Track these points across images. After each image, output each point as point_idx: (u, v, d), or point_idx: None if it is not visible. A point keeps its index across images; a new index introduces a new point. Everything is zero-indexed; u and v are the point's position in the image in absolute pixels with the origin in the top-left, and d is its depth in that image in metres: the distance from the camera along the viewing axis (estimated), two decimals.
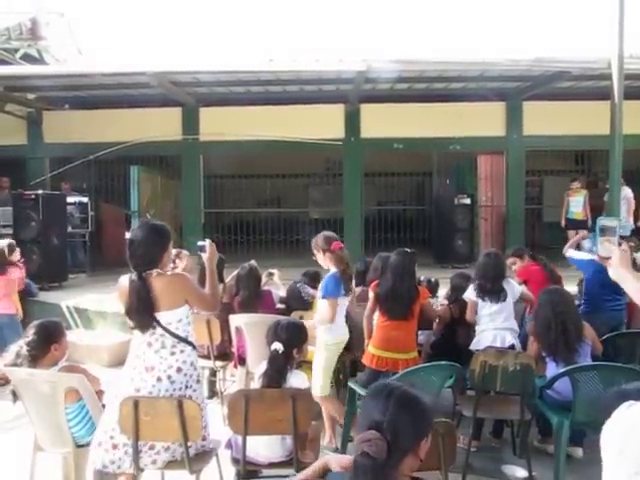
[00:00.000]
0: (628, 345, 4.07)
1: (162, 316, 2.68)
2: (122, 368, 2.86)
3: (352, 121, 10.16)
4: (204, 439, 2.82)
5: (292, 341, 2.90)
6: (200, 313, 4.63)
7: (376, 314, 4.06)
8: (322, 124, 10.04)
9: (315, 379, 3.74)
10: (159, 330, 2.68)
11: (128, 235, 2.80)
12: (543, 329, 3.61)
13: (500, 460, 3.76)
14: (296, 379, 2.87)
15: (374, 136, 10.14)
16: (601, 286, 4.54)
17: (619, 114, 7.47)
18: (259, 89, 9.27)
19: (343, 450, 3.62)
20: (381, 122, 10.03)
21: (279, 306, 4.88)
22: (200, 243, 3.00)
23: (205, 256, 2.96)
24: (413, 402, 1.45)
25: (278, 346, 2.84)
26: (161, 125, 9.81)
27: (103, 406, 2.97)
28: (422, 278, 5.68)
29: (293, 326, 3.02)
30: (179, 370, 2.72)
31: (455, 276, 4.61)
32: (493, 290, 4.06)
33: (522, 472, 3.52)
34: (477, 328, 4.12)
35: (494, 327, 4.01)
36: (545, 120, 10.02)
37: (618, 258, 1.57)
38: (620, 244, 1.60)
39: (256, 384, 2.92)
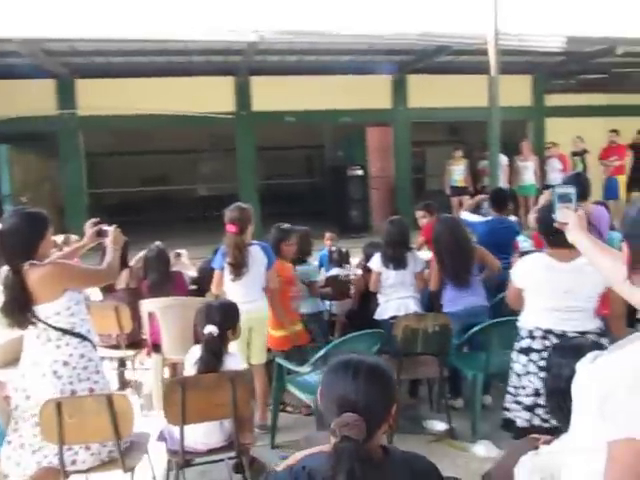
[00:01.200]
0: None
1: (40, 310, 2.52)
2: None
3: (243, 94, 9.93)
4: None
5: (226, 322, 2.81)
6: (106, 301, 4.45)
7: None
8: (211, 97, 9.70)
9: None
10: (41, 325, 2.53)
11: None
12: (444, 253, 3.95)
13: (420, 417, 3.98)
14: (233, 360, 2.80)
15: (266, 109, 10.00)
16: (492, 246, 4.88)
17: (495, 88, 8.04)
18: (142, 59, 8.70)
19: (274, 427, 3.62)
20: (272, 95, 9.90)
21: (191, 287, 4.69)
22: (104, 228, 2.90)
23: (108, 241, 2.84)
24: (380, 374, 1.44)
25: (213, 329, 2.74)
26: (33, 99, 8.86)
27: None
28: (333, 248, 5.78)
29: (226, 307, 2.93)
30: (66, 364, 2.55)
31: (367, 245, 4.72)
32: (396, 257, 4.15)
33: (442, 425, 3.75)
34: (381, 298, 4.22)
35: (397, 297, 4.14)
36: (428, 93, 10.50)
37: (575, 223, 1.67)
38: (576, 210, 1.70)
39: (190, 371, 2.80)
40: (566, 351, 1.73)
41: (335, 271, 5.33)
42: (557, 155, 10.31)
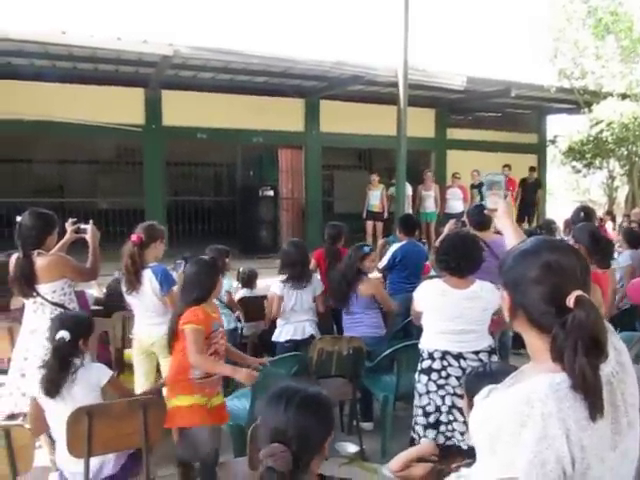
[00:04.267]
0: None
1: (41, 288, 3.21)
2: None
3: (153, 107, 9.63)
4: None
5: (79, 330, 2.66)
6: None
7: None
8: (118, 108, 9.30)
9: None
10: (39, 299, 3.22)
11: (18, 219, 3.27)
12: (335, 283, 4.20)
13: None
14: (91, 373, 2.63)
15: (176, 124, 9.76)
16: (406, 268, 5.04)
17: (404, 118, 8.45)
18: (45, 63, 8.19)
19: None
20: (184, 110, 9.69)
21: (95, 308, 4.42)
22: (82, 226, 3.51)
23: (88, 236, 3.47)
24: (314, 404, 1.43)
25: (64, 334, 2.56)
26: None
27: None
28: (241, 269, 5.70)
29: (81, 316, 2.89)
30: None
31: None
32: (297, 276, 4.16)
33: (353, 447, 3.77)
34: (279, 321, 4.21)
35: (295, 320, 4.16)
36: (339, 119, 10.81)
37: (503, 210, 1.73)
38: (505, 197, 1.76)
39: (33, 391, 2.62)
40: (483, 377, 1.82)
41: (243, 292, 5.27)
42: (459, 186, 10.98)
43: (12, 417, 3.14)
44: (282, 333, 4.13)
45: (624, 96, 10.45)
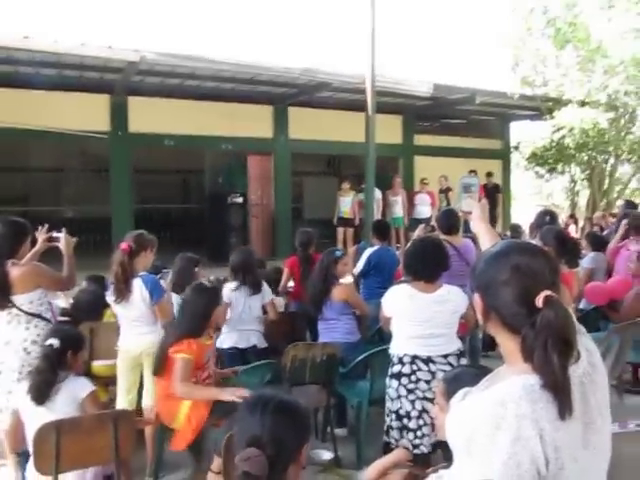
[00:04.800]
0: None
1: (17, 298, 3.10)
2: None
3: (119, 114, 9.47)
4: None
5: (70, 341, 2.70)
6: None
7: None
8: (84, 114, 9.12)
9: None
10: (14, 310, 3.10)
11: None
12: (309, 289, 4.17)
13: None
14: (74, 385, 2.64)
15: (143, 131, 9.63)
16: (380, 272, 5.05)
17: (372, 125, 8.53)
18: (7, 68, 7.98)
19: (157, 466, 3.39)
20: (151, 117, 9.57)
21: (61, 319, 4.29)
22: (55, 234, 3.43)
23: (61, 244, 3.37)
24: (290, 410, 1.44)
25: (54, 341, 2.60)
26: None
27: None
28: (212, 278, 5.64)
29: (73, 329, 3.02)
30: (34, 342, 3.08)
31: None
32: (248, 283, 4.17)
33: (328, 454, 3.78)
34: (224, 327, 4.17)
35: (240, 328, 4.13)
36: (308, 125, 10.84)
37: (478, 212, 1.75)
38: (480, 199, 1.78)
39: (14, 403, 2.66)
40: (460, 381, 1.83)
41: None
42: (427, 191, 11.14)
43: None
44: (225, 340, 4.11)
45: (583, 103, 10.78)
